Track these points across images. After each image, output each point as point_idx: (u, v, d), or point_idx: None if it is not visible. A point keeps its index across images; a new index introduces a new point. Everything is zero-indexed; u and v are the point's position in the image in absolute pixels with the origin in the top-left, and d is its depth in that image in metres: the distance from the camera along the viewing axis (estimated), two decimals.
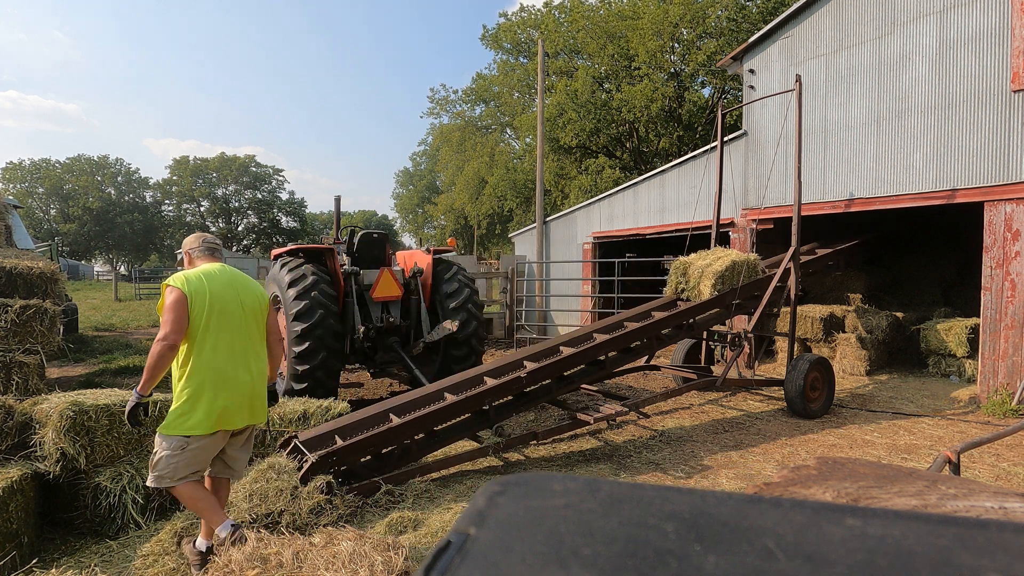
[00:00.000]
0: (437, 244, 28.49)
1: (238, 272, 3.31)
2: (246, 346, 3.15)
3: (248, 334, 3.18)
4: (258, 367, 3.22)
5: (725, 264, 6.90)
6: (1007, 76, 6.78)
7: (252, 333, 3.21)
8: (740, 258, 7.07)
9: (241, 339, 3.13)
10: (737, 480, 4.77)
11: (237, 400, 3.06)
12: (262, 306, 3.30)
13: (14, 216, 8.54)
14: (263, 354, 3.30)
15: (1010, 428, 3.22)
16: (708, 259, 7.11)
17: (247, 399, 3.12)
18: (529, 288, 14.21)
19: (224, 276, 3.18)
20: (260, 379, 3.23)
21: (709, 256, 7.22)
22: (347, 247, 7.14)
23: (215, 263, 3.25)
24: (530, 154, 25.85)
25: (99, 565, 3.28)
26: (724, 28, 20.61)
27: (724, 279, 6.82)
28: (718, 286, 6.77)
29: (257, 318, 3.25)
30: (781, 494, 1.53)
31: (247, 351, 3.15)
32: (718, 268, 6.86)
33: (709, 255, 7.25)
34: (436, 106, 37.92)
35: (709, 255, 7.25)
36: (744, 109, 9.90)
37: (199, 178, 58.96)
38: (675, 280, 7.17)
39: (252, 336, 3.21)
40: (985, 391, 7.05)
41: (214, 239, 3.40)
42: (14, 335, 4.87)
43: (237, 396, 3.06)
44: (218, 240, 3.43)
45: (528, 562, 0.42)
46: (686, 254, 8.99)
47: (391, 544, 2.69)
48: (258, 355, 3.24)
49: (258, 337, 3.26)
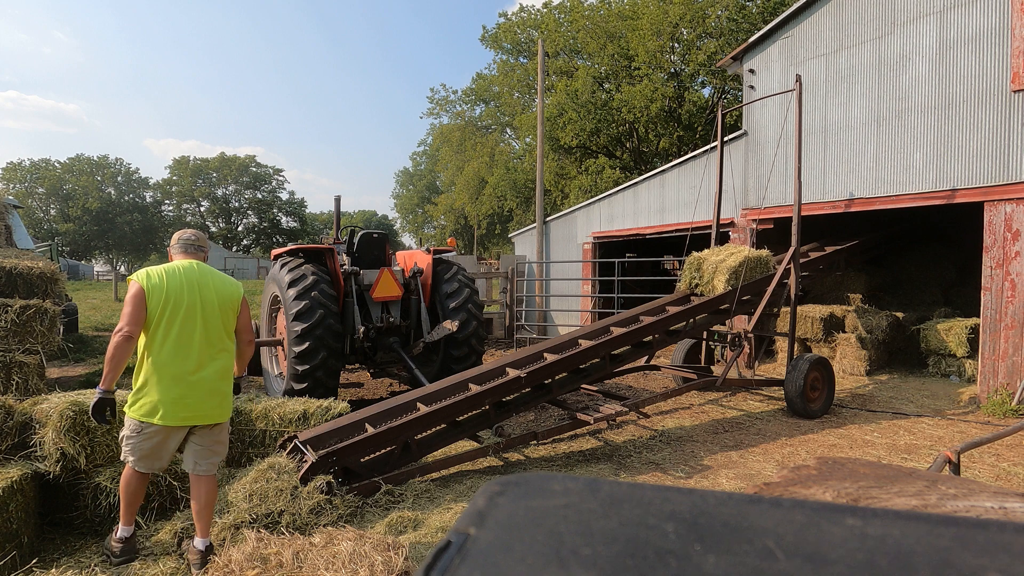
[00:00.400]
0: (437, 244, 28.51)
1: (209, 270, 3.35)
2: (201, 342, 3.18)
3: (206, 331, 3.20)
4: (216, 364, 3.23)
5: (739, 259, 7.02)
6: (1007, 76, 6.78)
7: (212, 330, 3.22)
8: (753, 254, 7.17)
9: (196, 335, 3.17)
10: (737, 480, 4.77)
11: (187, 395, 3.11)
12: (229, 304, 3.32)
13: (14, 216, 8.54)
14: (225, 352, 3.30)
15: (1010, 428, 3.22)
16: (722, 255, 7.24)
17: (199, 395, 3.14)
18: (529, 288, 14.21)
19: (187, 273, 3.25)
20: (217, 376, 3.23)
21: (723, 252, 7.33)
22: (347, 247, 7.14)
23: (188, 260, 3.34)
24: (530, 154, 25.85)
25: (99, 565, 3.28)
26: (724, 28, 20.61)
27: (737, 274, 6.95)
28: (732, 281, 6.90)
29: (221, 315, 3.27)
30: (781, 494, 1.53)
31: (201, 347, 3.18)
32: (732, 263, 6.99)
33: (722, 251, 7.37)
34: (436, 106, 37.94)
35: (722, 251, 7.37)
36: (744, 109, 9.90)
37: (199, 178, 58.97)
38: (689, 275, 7.28)
39: (211, 333, 3.22)
40: (985, 391, 7.05)
41: (194, 237, 3.47)
42: (14, 335, 4.87)
43: (187, 391, 3.11)
44: (199, 238, 3.49)
45: (528, 562, 0.42)
46: (686, 254, 9.09)
47: (391, 544, 2.69)
48: (216, 352, 3.24)
49: (219, 334, 3.27)
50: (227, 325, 3.31)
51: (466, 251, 47.19)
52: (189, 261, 3.34)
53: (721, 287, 6.89)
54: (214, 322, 3.24)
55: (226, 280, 3.38)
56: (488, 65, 58.90)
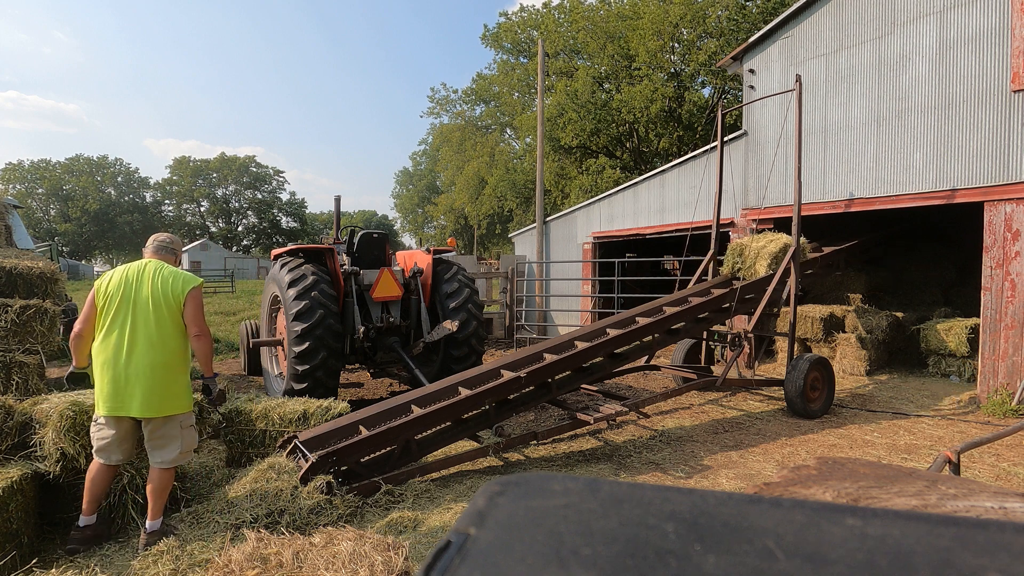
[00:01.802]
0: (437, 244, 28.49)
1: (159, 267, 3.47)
2: (131, 335, 3.29)
3: (136, 324, 3.31)
4: (148, 357, 3.30)
5: (779, 246, 7.64)
6: (1007, 76, 6.78)
7: (145, 324, 3.32)
8: (791, 241, 7.70)
9: (127, 329, 3.30)
10: (737, 480, 4.77)
11: (116, 386, 3.24)
12: (169, 298, 3.40)
13: (14, 216, 8.53)
14: (162, 346, 3.36)
15: (1010, 428, 3.22)
16: (763, 241, 7.88)
17: (128, 387, 3.25)
18: (529, 288, 14.21)
19: (132, 271, 3.44)
20: (149, 369, 3.30)
21: (763, 239, 7.95)
22: (347, 247, 7.14)
23: (146, 259, 3.55)
24: (530, 154, 25.86)
25: (99, 565, 3.28)
26: (724, 28, 20.61)
27: (778, 259, 7.53)
28: (772, 265, 7.50)
29: (156, 310, 3.36)
30: (781, 494, 1.53)
31: (131, 340, 3.29)
32: (772, 249, 7.62)
33: (762, 238, 7.98)
34: (436, 105, 37.98)
35: (762, 238, 7.98)
36: (744, 109, 9.90)
37: (199, 178, 58.97)
38: (731, 260, 7.90)
39: (145, 326, 3.32)
40: (985, 391, 7.05)
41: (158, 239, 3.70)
42: (14, 335, 4.86)
43: (116, 382, 3.24)
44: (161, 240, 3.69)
45: (528, 562, 0.42)
46: (686, 254, 9.19)
47: (391, 544, 2.69)
48: (150, 346, 3.31)
49: (152, 328, 3.34)
50: (164, 319, 3.38)
51: (466, 251, 47.20)
52: (147, 260, 3.52)
53: (763, 271, 7.54)
54: (146, 316, 3.34)
55: (177, 276, 3.46)
56: (488, 65, 58.97)
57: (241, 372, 8.40)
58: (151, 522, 3.41)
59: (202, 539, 3.48)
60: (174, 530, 3.43)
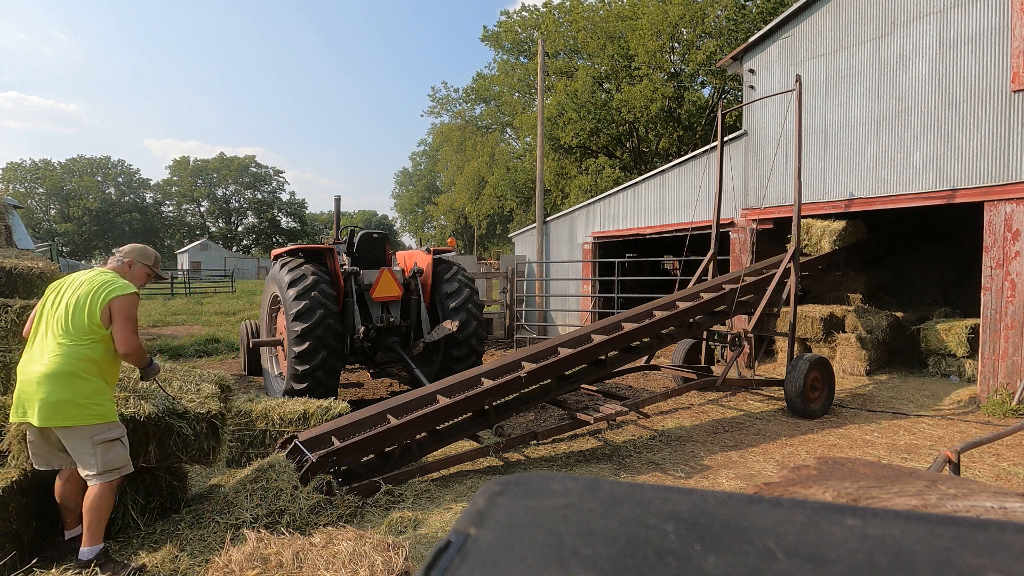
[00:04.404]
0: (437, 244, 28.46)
1: (96, 275, 3.32)
2: (45, 344, 3.17)
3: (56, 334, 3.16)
4: (57, 365, 3.08)
5: (841, 225, 8.87)
6: (1007, 76, 6.78)
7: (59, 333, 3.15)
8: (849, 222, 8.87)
9: (43, 337, 3.20)
10: (737, 480, 4.77)
11: (26, 394, 3.12)
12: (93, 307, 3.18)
13: (14, 216, 8.53)
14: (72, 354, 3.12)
15: (1010, 428, 3.22)
16: (827, 221, 9.06)
17: (34, 396, 3.07)
18: (529, 288, 14.21)
19: (71, 278, 3.37)
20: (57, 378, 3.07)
21: (827, 220, 9.08)
22: (347, 247, 7.14)
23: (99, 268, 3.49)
24: (530, 154, 25.85)
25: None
26: (724, 28, 20.61)
27: (843, 237, 8.86)
28: (836, 243, 8.80)
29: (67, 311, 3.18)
30: (781, 494, 1.53)
31: (45, 349, 3.15)
32: (836, 227, 8.84)
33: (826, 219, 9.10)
34: (437, 104, 37.95)
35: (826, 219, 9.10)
36: (744, 109, 9.90)
37: (199, 178, 58.97)
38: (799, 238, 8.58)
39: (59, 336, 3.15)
40: (985, 391, 7.05)
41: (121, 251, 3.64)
42: (14, 335, 4.86)
43: (27, 390, 3.12)
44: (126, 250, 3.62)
45: (528, 562, 0.42)
46: (686, 254, 9.21)
47: (391, 544, 2.69)
48: (60, 355, 3.10)
49: (68, 337, 3.14)
50: (79, 328, 3.16)
51: (466, 251, 47.20)
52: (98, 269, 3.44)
53: (827, 247, 8.79)
54: (60, 323, 3.17)
55: (105, 284, 3.23)
56: (488, 64, 58.90)
57: (241, 372, 8.41)
58: (84, 548, 3.12)
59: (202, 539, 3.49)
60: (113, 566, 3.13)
